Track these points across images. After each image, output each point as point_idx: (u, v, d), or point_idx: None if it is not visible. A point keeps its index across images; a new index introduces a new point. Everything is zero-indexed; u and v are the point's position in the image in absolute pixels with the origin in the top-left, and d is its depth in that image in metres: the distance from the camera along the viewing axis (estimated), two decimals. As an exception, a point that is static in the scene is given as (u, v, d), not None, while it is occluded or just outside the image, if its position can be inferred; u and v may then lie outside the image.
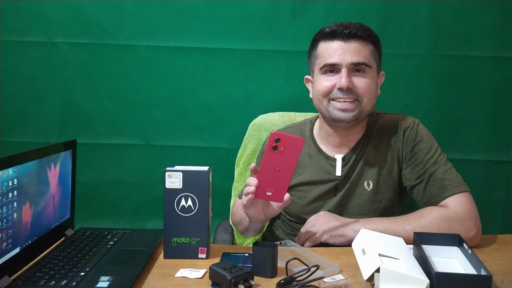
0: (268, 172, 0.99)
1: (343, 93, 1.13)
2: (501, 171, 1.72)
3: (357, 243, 0.99)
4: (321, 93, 1.16)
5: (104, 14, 1.68)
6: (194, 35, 1.69)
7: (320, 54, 1.17)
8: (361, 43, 1.14)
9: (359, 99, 1.14)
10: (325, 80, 1.15)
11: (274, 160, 0.98)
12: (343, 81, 1.11)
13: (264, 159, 0.99)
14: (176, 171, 1.01)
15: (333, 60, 1.13)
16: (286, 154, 0.98)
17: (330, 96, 1.15)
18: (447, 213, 1.08)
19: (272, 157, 0.98)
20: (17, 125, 1.73)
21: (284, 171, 0.99)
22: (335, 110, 1.15)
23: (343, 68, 1.12)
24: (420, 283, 0.82)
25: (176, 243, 1.02)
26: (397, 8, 1.66)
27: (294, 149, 0.97)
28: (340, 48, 1.13)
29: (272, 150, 0.98)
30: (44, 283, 0.86)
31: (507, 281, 0.92)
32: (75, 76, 1.71)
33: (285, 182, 1.00)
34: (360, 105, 1.15)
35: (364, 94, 1.14)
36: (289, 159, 0.98)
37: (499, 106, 1.70)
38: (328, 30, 1.14)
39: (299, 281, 0.87)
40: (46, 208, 1.04)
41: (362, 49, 1.13)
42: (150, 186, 1.76)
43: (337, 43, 1.13)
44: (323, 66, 1.15)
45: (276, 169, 0.98)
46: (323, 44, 1.16)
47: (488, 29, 1.66)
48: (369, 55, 1.15)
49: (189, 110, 1.73)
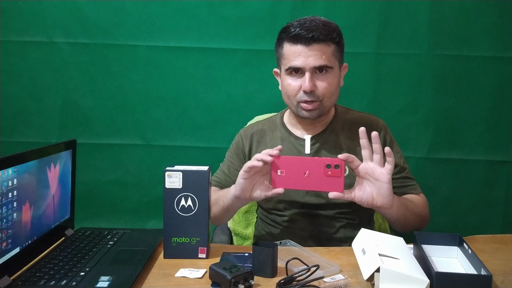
0: (301, 166, 1.02)
1: (308, 95, 1.20)
2: (501, 171, 1.73)
3: (357, 243, 0.99)
4: (289, 94, 1.23)
5: (104, 14, 1.68)
6: (194, 35, 1.69)
7: (285, 55, 1.22)
8: (323, 45, 1.18)
9: (320, 99, 1.21)
10: (291, 80, 1.22)
11: (315, 169, 1.02)
12: (306, 85, 1.18)
13: (311, 159, 1.03)
14: (176, 171, 1.01)
15: (296, 63, 1.19)
16: (325, 178, 1.01)
17: (297, 99, 1.22)
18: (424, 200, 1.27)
19: (317, 166, 1.02)
20: (17, 125, 1.73)
21: (306, 181, 1.02)
22: (302, 110, 1.22)
23: (307, 72, 1.18)
24: (420, 283, 0.82)
25: (176, 243, 1.02)
26: (397, 8, 1.66)
27: (333, 184, 1.01)
28: (303, 52, 1.18)
29: (324, 164, 1.01)
30: (44, 283, 0.86)
31: (507, 281, 0.92)
32: (75, 76, 1.72)
33: (298, 185, 1.03)
34: (322, 104, 1.22)
35: (325, 94, 1.21)
36: (321, 183, 1.02)
37: (499, 106, 1.70)
38: (292, 33, 1.19)
39: (299, 281, 0.87)
40: (46, 208, 1.04)
41: (324, 52, 1.18)
42: (150, 186, 1.76)
43: (300, 47, 1.18)
44: (288, 68, 1.21)
45: (306, 174, 1.02)
46: (287, 46, 1.21)
47: (488, 29, 1.66)
48: (330, 56, 1.20)
49: (189, 110, 1.73)
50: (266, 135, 1.34)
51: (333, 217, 1.25)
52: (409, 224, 1.17)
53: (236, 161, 1.34)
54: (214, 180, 1.35)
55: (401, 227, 1.19)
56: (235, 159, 1.35)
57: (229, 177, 1.33)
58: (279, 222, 1.28)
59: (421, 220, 1.21)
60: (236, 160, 1.35)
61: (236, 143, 1.38)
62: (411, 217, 1.17)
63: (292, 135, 1.32)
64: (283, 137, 1.32)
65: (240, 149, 1.35)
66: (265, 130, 1.35)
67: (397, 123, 1.68)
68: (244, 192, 1.10)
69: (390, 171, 1.02)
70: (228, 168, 1.35)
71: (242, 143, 1.36)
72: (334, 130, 1.30)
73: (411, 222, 1.18)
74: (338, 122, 1.31)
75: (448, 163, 1.73)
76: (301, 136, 1.30)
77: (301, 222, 1.26)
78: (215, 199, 1.22)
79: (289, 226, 1.27)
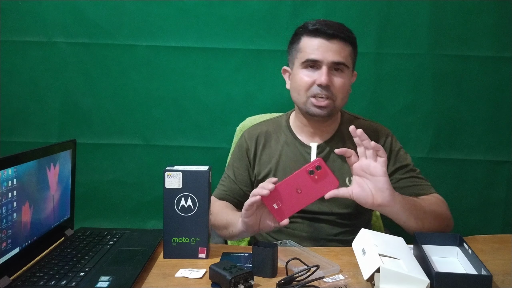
0: (290, 187, 0.99)
1: (322, 89, 1.18)
2: (501, 171, 1.72)
3: (357, 243, 0.99)
4: (301, 88, 1.21)
5: (104, 14, 1.68)
6: (194, 35, 1.69)
7: (302, 48, 1.21)
8: (342, 43, 1.19)
9: (333, 97, 1.19)
10: (305, 75, 1.20)
11: (302, 182, 0.99)
12: (323, 78, 1.16)
13: (294, 175, 1.00)
14: (176, 171, 1.00)
15: (315, 56, 1.17)
16: (316, 183, 0.99)
17: (309, 93, 1.19)
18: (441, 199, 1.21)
19: (303, 178, 0.99)
20: (17, 125, 1.73)
21: (303, 197, 1.00)
22: (312, 106, 1.20)
23: (324, 65, 1.17)
24: (420, 283, 0.82)
25: (176, 243, 1.02)
26: (397, 8, 1.66)
27: (326, 184, 0.99)
28: (323, 45, 1.17)
29: (307, 173, 0.99)
30: (44, 283, 0.86)
31: (507, 281, 0.92)
32: (75, 76, 1.71)
33: (297, 206, 1.00)
34: (334, 103, 1.20)
35: (339, 93, 1.20)
36: (315, 190, 1.00)
37: (499, 106, 1.70)
38: (312, 27, 1.19)
39: (299, 281, 0.87)
40: (46, 208, 1.04)
41: (342, 50, 1.18)
42: (150, 186, 1.76)
43: (320, 40, 1.18)
44: (305, 60, 1.19)
45: (298, 191, 1.00)
46: (306, 39, 1.20)
47: (488, 29, 1.66)
48: (348, 56, 1.20)
49: (189, 110, 1.73)
50: (271, 138, 1.31)
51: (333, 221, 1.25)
52: (427, 225, 1.10)
53: (241, 165, 1.31)
54: (222, 190, 1.31)
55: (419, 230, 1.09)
56: (239, 164, 1.32)
57: (236, 185, 1.30)
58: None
59: (440, 220, 1.14)
60: (241, 165, 1.31)
61: (239, 146, 1.35)
62: (425, 217, 1.10)
63: (298, 141, 1.29)
64: (288, 142, 1.30)
65: (244, 152, 1.32)
66: (270, 132, 1.32)
67: (397, 123, 1.68)
68: (252, 227, 1.05)
69: (384, 163, 1.01)
70: (234, 174, 1.31)
71: (246, 146, 1.32)
72: (341, 137, 1.28)
73: (428, 223, 1.10)
74: (346, 129, 1.27)
75: (448, 163, 1.73)
76: (307, 143, 1.28)
77: (300, 224, 1.25)
78: (224, 224, 1.18)
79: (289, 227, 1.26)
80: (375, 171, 1.01)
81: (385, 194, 1.01)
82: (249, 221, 1.03)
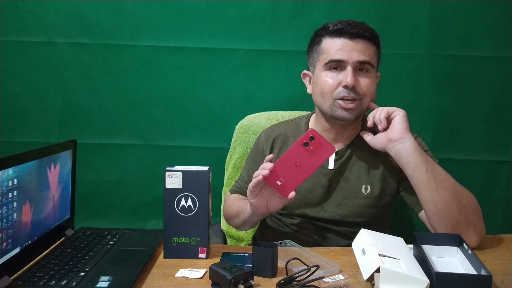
0: (288, 163, 1.01)
1: (348, 91, 1.13)
2: (501, 171, 1.72)
3: (357, 243, 0.99)
4: (326, 91, 1.16)
5: (104, 14, 1.68)
6: (194, 35, 1.69)
7: (324, 49, 1.16)
8: (366, 42, 1.15)
9: (360, 98, 1.15)
10: (329, 77, 1.15)
11: (299, 155, 1.01)
12: (349, 79, 1.11)
13: (289, 150, 1.01)
14: (176, 171, 1.01)
15: (339, 56, 1.13)
16: (313, 154, 1.01)
17: (334, 95, 1.15)
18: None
19: (299, 152, 1.01)
20: (17, 125, 1.73)
21: (303, 169, 1.01)
22: (339, 109, 1.15)
23: (349, 66, 1.13)
24: (420, 283, 0.82)
25: (176, 243, 1.02)
26: (397, 8, 1.66)
27: (322, 153, 1.01)
28: (347, 45, 1.13)
29: (302, 145, 1.00)
30: (44, 283, 0.86)
31: (507, 281, 0.92)
32: (75, 76, 1.71)
33: (299, 179, 1.02)
34: (361, 104, 1.16)
35: (366, 93, 1.15)
36: (313, 160, 1.01)
37: (499, 106, 1.70)
38: (334, 27, 1.15)
39: (299, 281, 0.87)
40: (46, 208, 1.04)
41: (367, 49, 1.15)
42: (150, 186, 1.76)
43: (343, 40, 1.14)
44: (328, 61, 1.14)
45: (297, 164, 1.01)
46: (328, 40, 1.16)
47: (488, 29, 1.66)
48: (373, 55, 1.16)
49: (189, 110, 1.73)
50: (288, 140, 1.28)
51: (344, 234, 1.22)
52: (441, 191, 1.04)
53: (255, 166, 1.27)
54: (236, 187, 1.33)
55: (432, 197, 1.04)
56: (253, 165, 1.30)
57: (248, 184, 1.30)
58: (287, 225, 1.26)
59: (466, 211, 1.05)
60: (255, 166, 1.28)
61: (255, 147, 1.33)
62: (441, 185, 1.04)
63: None
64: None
65: (259, 154, 1.30)
66: (288, 135, 1.29)
67: (397, 123, 1.68)
68: (260, 208, 1.06)
69: (400, 118, 1.09)
70: (248, 174, 1.31)
71: (262, 147, 1.30)
72: (360, 144, 1.22)
73: (443, 189, 1.04)
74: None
75: (448, 163, 1.71)
76: None
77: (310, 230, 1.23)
78: (235, 213, 1.20)
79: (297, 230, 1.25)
80: (393, 125, 1.10)
81: (401, 128, 1.08)
82: (255, 202, 1.05)
